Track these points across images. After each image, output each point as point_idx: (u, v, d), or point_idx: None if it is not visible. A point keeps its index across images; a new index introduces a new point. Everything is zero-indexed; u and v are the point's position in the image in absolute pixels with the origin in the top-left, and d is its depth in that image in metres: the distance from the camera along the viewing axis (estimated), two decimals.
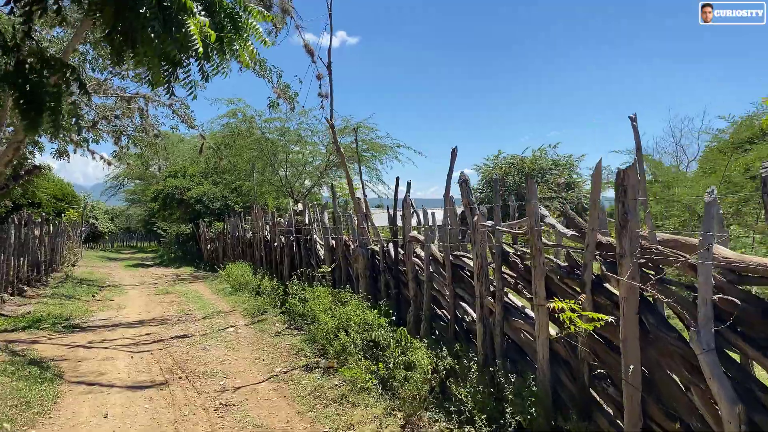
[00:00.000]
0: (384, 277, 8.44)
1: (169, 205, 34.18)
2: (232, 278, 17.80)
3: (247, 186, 29.65)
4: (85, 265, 30.59)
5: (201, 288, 19.80)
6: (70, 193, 49.47)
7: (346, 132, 25.93)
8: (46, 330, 11.70)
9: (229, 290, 17.40)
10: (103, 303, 16.18)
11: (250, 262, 19.96)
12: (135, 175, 49.33)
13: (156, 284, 21.87)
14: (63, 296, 16.45)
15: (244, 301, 14.98)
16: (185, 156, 38.22)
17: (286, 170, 27.01)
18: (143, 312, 14.63)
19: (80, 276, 23.09)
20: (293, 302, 10.89)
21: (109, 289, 19.73)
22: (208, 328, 11.76)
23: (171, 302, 16.32)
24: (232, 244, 25.06)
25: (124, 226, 70.72)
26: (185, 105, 20.05)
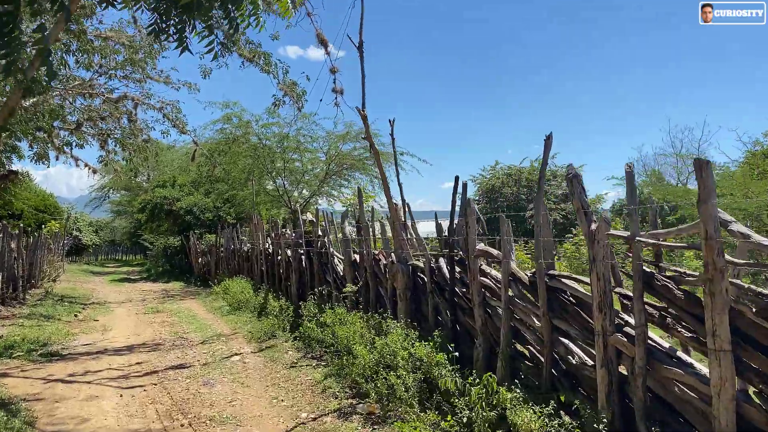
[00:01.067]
0: (431, 300, 6.97)
1: (157, 217, 32.44)
2: (230, 295, 16.19)
3: (241, 196, 28.06)
4: (68, 279, 28.73)
5: (194, 306, 18.14)
6: (52, 205, 47.45)
7: (349, 138, 24.49)
8: (19, 359, 10.04)
9: (227, 309, 15.79)
10: (87, 324, 14.49)
11: (248, 278, 18.37)
12: (121, 185, 47.49)
13: (144, 301, 20.17)
14: (41, 316, 14.73)
15: (246, 322, 13.39)
16: (174, 165, 36.58)
17: (284, 179, 25.47)
18: (132, 335, 12.99)
19: (62, 292, 21.30)
20: (309, 327, 9.36)
21: (93, 308, 18.01)
22: (209, 356, 10.17)
23: (163, 323, 14.68)
24: (226, 257, 23.42)
25: (109, 238, 68.50)
26: (177, 108, 18.62)
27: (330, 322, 8.89)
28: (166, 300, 20.33)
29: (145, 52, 16.47)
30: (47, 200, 46.96)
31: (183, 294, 22.50)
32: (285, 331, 11.20)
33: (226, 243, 23.45)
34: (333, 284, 10.34)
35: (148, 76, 17.67)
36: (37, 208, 43.26)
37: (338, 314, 8.96)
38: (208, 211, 30.70)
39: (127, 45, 16.36)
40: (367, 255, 8.53)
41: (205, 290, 23.66)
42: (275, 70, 13.72)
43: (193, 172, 33.27)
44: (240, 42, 13.54)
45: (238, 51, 13.56)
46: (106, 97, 17.83)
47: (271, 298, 13.88)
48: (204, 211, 30.69)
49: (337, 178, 26.43)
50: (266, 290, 14.65)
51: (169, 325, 14.18)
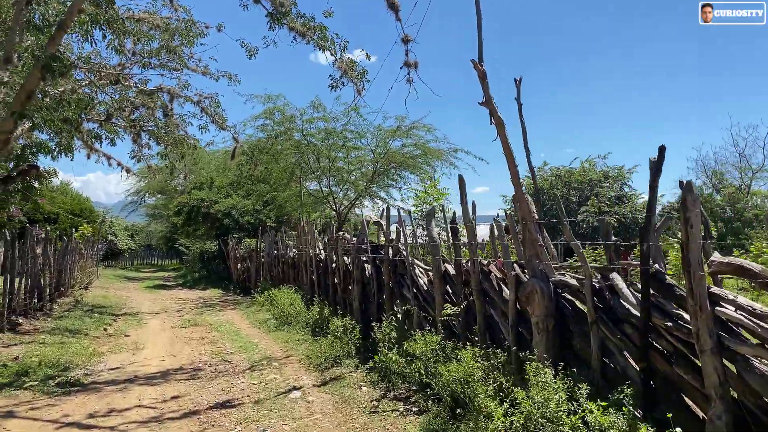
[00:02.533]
0: (595, 333, 4.76)
1: (193, 220, 30.90)
2: (277, 308, 14.24)
3: (283, 197, 26.23)
4: (101, 286, 27.33)
5: (236, 318, 16.27)
6: (88, 208, 46.67)
7: (399, 134, 22.41)
8: (32, 390, 8.20)
9: (274, 323, 13.83)
10: (116, 341, 12.70)
11: (294, 287, 16.42)
12: (156, 188, 46.43)
13: (181, 312, 18.41)
14: (66, 331, 13.00)
15: (299, 341, 11.39)
16: (212, 167, 35.14)
17: (329, 179, 23.50)
18: (167, 355, 11.12)
19: (93, 301, 19.72)
20: (390, 358, 7.25)
21: (124, 319, 16.29)
22: (262, 390, 8.15)
23: (201, 339, 12.80)
24: (268, 263, 21.56)
25: (145, 243, 67.89)
26: (216, 102, 16.83)
27: (420, 353, 6.77)
28: (205, 310, 18.54)
29: (181, 34, 14.65)
30: (83, 204, 46.22)
31: (222, 303, 20.71)
32: (351, 357, 9.11)
33: (267, 248, 21.60)
34: (414, 301, 8.22)
35: (185, 65, 15.88)
36: (72, 212, 42.43)
37: (430, 343, 6.84)
38: (248, 214, 29.00)
39: (162, 28, 14.60)
40: (473, 266, 6.40)
41: (245, 299, 21.87)
42: (332, 46, 11.78)
43: (231, 174, 31.68)
44: (291, 14, 11.64)
45: (289, 24, 11.66)
46: (140, 88, 16.13)
47: (327, 313, 11.85)
48: (243, 214, 29.00)
49: (384, 179, 24.37)
50: (320, 304, 12.62)
51: (209, 343, 12.29)
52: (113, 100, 14.68)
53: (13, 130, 10.49)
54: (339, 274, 12.26)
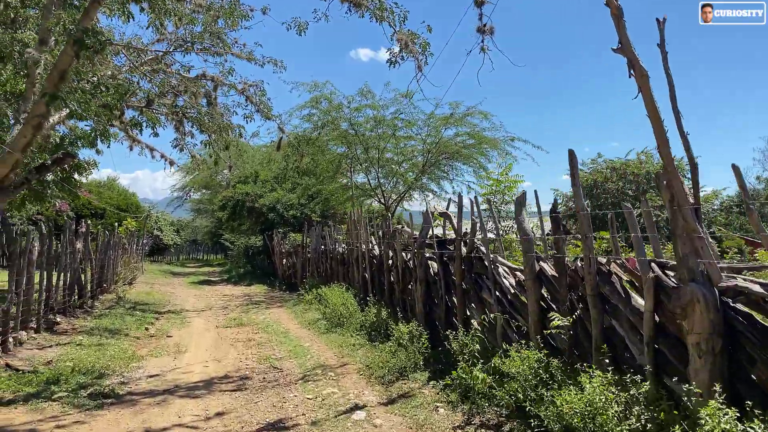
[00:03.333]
0: None
1: (238, 215, 30.24)
2: (328, 308, 13.12)
3: (329, 190, 25.18)
4: (146, 281, 26.90)
5: (283, 317, 15.26)
6: (134, 204, 46.87)
7: (452, 122, 21.00)
8: (61, 401, 7.26)
9: (324, 325, 12.72)
10: (158, 342, 11.81)
11: (344, 284, 15.29)
12: (201, 183, 46.26)
13: (226, 309, 17.54)
14: (106, 331, 12.19)
15: (355, 347, 10.21)
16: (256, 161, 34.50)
17: (378, 170, 22.28)
18: (211, 359, 10.12)
19: (136, 298, 19.07)
20: (475, 375, 5.96)
21: (167, 317, 15.48)
22: (318, 407, 6.99)
23: (248, 341, 11.79)
24: (314, 259, 20.54)
25: (190, 238, 68.35)
26: (261, 90, 15.85)
27: (516, 372, 5.46)
28: (250, 308, 17.62)
29: (225, 14, 13.63)
30: (129, 199, 46.43)
31: (268, 300, 19.79)
32: (419, 369, 7.86)
33: (314, 243, 20.58)
34: (497, 306, 6.89)
35: (229, 50, 14.92)
36: (119, 207, 42.58)
37: (528, 360, 5.52)
38: (293, 209, 28.11)
39: (205, 8, 13.62)
40: (588, 265, 5.04)
41: (291, 296, 20.92)
42: (390, 16, 10.56)
43: (276, 166, 30.91)
44: None
45: None
46: (183, 76, 15.25)
47: (385, 315, 10.64)
48: (288, 208, 28.13)
49: (435, 170, 23.00)
50: (377, 305, 11.42)
51: (256, 346, 11.25)
52: (154, 84, 13.80)
53: (45, 114, 9.62)
54: (397, 273, 11.03)
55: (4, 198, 10.32)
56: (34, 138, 9.90)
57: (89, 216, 40.01)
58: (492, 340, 6.92)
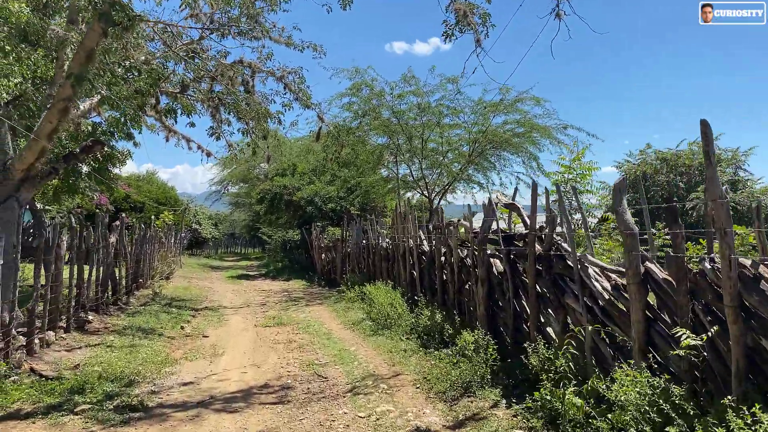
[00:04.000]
0: None
1: (276, 208, 29.61)
2: (373, 308, 12.14)
3: (369, 182, 24.23)
4: (183, 275, 26.47)
5: (324, 315, 14.37)
6: (172, 197, 46.86)
7: (502, 108, 19.74)
8: (83, 415, 6.46)
9: (369, 326, 11.75)
10: (193, 342, 11.04)
11: (388, 282, 14.31)
12: (239, 176, 45.95)
13: (264, 306, 16.78)
14: (139, 331, 11.48)
15: (406, 353, 9.19)
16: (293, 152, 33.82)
17: (421, 161, 21.17)
18: (250, 364, 9.27)
19: (172, 293, 18.49)
20: (569, 401, 4.87)
21: (204, 315, 14.78)
22: (373, 428, 6.01)
23: (289, 343, 10.92)
24: (355, 254, 19.63)
25: (228, 231, 68.53)
26: (300, 77, 14.93)
27: (627, 401, 4.35)
28: (290, 305, 16.81)
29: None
30: (168, 193, 46.42)
31: (307, 297, 18.96)
32: (487, 385, 6.77)
33: (355, 237, 19.67)
34: (585, 315, 5.77)
35: (267, 34, 14.04)
36: (158, 201, 42.55)
37: (641, 386, 4.40)
38: (331, 201, 27.28)
39: None
40: (728, 267, 3.89)
41: (331, 292, 20.07)
42: None
43: (313, 159, 30.15)
44: None
45: None
46: (219, 62, 14.44)
47: (440, 318, 9.59)
48: (326, 201, 27.31)
49: (482, 161, 21.77)
50: (429, 306, 10.38)
51: (297, 349, 10.36)
52: (189, 69, 13.01)
53: (71, 97, 8.86)
54: (451, 271, 9.97)
55: (30, 188, 9.64)
56: (60, 124, 9.15)
57: (128, 210, 40.07)
58: (579, 355, 5.80)
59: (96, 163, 13.10)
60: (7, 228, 8.78)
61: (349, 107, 20.63)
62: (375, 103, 19.88)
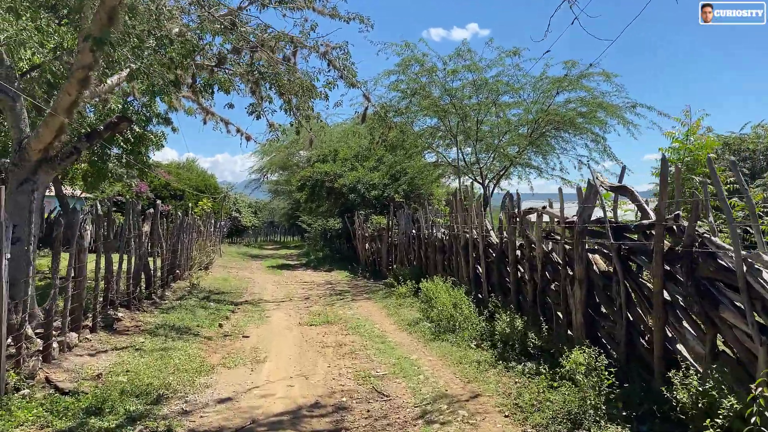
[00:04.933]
0: None
1: (317, 195, 28.40)
2: (433, 308, 10.67)
3: (416, 167, 22.71)
4: (223, 265, 25.56)
5: (374, 313, 13.02)
6: (212, 185, 46.33)
7: (566, 85, 17.93)
8: None
9: (429, 328, 10.33)
10: (232, 344, 9.83)
11: (445, 277, 12.84)
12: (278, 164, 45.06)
13: (308, 300, 15.55)
14: (173, 330, 10.33)
15: (482, 365, 7.73)
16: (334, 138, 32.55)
17: (475, 144, 19.53)
18: (297, 374, 7.98)
19: (211, 285, 17.44)
20: None
21: (244, 310, 13.63)
22: None
23: (339, 347, 9.60)
24: (403, 245, 18.22)
25: (267, 219, 68.07)
26: (345, 53, 13.48)
27: None
28: (335, 300, 15.52)
29: None
30: (207, 180, 45.91)
31: (353, 291, 17.67)
32: (602, 418, 5.25)
33: (403, 226, 18.24)
34: (759, 337, 4.19)
35: (310, 3, 12.65)
36: (197, 189, 42.00)
37: None
38: (375, 189, 25.89)
39: None
40: None
41: (377, 285, 18.76)
42: None
43: (356, 144, 28.79)
44: None
45: None
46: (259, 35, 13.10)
47: (521, 325, 8.08)
48: (370, 188, 25.93)
49: (541, 143, 19.99)
50: (505, 309, 8.85)
51: (349, 355, 9.02)
52: (227, 39, 11.73)
53: (91, 65, 7.65)
54: (534, 268, 8.42)
55: (49, 170, 8.50)
56: (80, 96, 7.96)
57: (168, 197, 39.63)
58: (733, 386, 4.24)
59: (127, 145, 11.99)
60: (21, 214, 7.65)
61: (396, 86, 19.11)
62: (425, 81, 18.31)
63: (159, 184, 40.40)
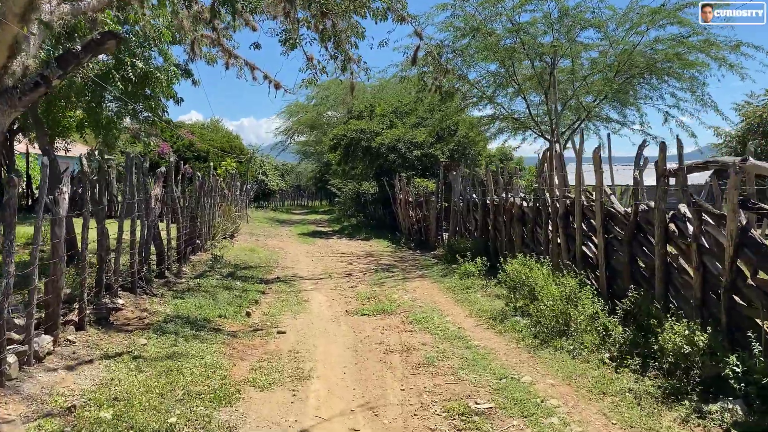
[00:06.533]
0: None
1: (352, 155, 25.70)
2: (536, 300, 7.97)
3: (470, 122, 19.76)
4: (249, 232, 23.21)
5: (437, 297, 10.46)
6: (237, 146, 43.89)
7: (662, 17, 14.69)
8: None
9: (526, 326, 7.68)
10: (264, 345, 7.36)
11: (525, 253, 10.17)
12: (307, 123, 42.40)
13: (350, 277, 13.07)
14: (187, 324, 7.88)
15: (646, 405, 5.08)
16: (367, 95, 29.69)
17: (548, 90, 16.43)
18: (358, 403, 5.51)
19: (236, 257, 15.04)
20: None
21: (276, 290, 11.19)
22: None
23: (408, 353, 7.06)
24: (460, 213, 15.52)
25: (294, 183, 65.65)
26: None
27: None
28: (383, 278, 12.98)
29: None
30: (233, 141, 43.49)
31: (401, 265, 15.11)
32: None
33: (461, 190, 15.52)
34: None
35: None
36: (222, 149, 39.62)
37: None
38: (418, 148, 23.09)
39: None
40: None
41: (426, 257, 16.24)
42: None
43: (394, 99, 25.89)
44: None
45: None
46: None
47: (701, 341, 5.36)
48: (412, 147, 23.13)
49: (627, 91, 16.82)
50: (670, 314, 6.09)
51: (426, 368, 6.47)
52: None
53: None
54: (710, 252, 5.66)
55: (6, 107, 5.94)
56: None
57: (193, 159, 37.29)
58: None
59: (127, 85, 9.38)
60: None
61: (449, 25, 16.09)
62: (487, 15, 15.22)
63: (182, 145, 38.13)
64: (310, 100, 40.21)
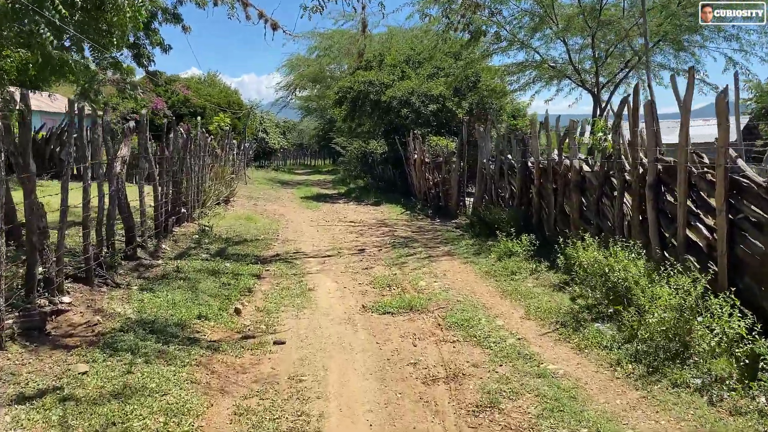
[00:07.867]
0: None
1: (359, 110, 23.29)
2: (648, 318, 5.82)
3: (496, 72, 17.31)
4: (248, 195, 21.08)
5: (476, 286, 8.35)
6: (236, 102, 41.34)
7: None
8: None
9: (612, 338, 5.59)
10: (255, 368, 5.30)
11: (592, 231, 8.03)
12: (309, 76, 39.68)
13: (363, 255, 10.99)
14: (152, 334, 5.79)
15: None
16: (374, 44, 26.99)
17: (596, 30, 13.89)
18: None
19: (229, 228, 12.93)
20: None
21: (275, 274, 9.12)
22: None
23: (457, 384, 5.02)
24: (491, 178, 13.33)
25: (296, 141, 63.03)
26: None
27: None
28: (402, 255, 10.89)
29: None
30: (231, 96, 40.93)
31: (421, 238, 13.00)
32: None
33: (488, 152, 13.27)
34: None
35: None
36: (219, 105, 37.12)
37: None
38: (434, 102, 20.69)
39: None
40: None
41: (447, 228, 14.19)
42: None
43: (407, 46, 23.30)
44: None
45: None
46: None
47: None
48: (427, 101, 20.72)
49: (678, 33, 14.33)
50: None
51: (485, 406, 4.42)
52: None
53: None
54: None
55: None
56: None
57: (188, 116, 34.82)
58: None
59: (75, 12, 7.05)
60: None
61: None
62: None
63: (177, 101, 35.68)
64: (311, 53, 37.50)
